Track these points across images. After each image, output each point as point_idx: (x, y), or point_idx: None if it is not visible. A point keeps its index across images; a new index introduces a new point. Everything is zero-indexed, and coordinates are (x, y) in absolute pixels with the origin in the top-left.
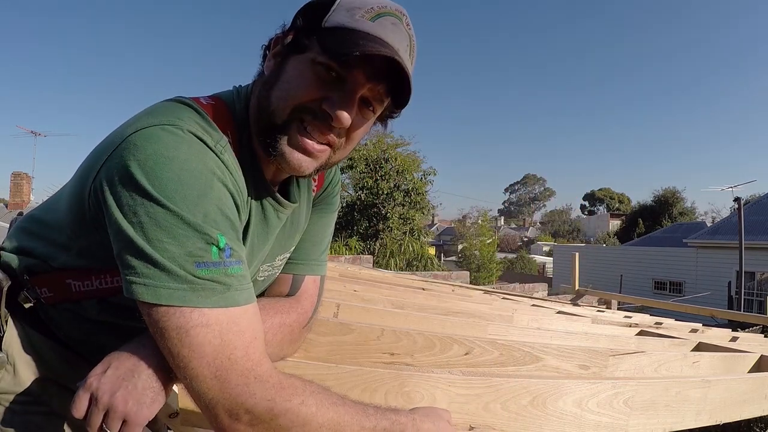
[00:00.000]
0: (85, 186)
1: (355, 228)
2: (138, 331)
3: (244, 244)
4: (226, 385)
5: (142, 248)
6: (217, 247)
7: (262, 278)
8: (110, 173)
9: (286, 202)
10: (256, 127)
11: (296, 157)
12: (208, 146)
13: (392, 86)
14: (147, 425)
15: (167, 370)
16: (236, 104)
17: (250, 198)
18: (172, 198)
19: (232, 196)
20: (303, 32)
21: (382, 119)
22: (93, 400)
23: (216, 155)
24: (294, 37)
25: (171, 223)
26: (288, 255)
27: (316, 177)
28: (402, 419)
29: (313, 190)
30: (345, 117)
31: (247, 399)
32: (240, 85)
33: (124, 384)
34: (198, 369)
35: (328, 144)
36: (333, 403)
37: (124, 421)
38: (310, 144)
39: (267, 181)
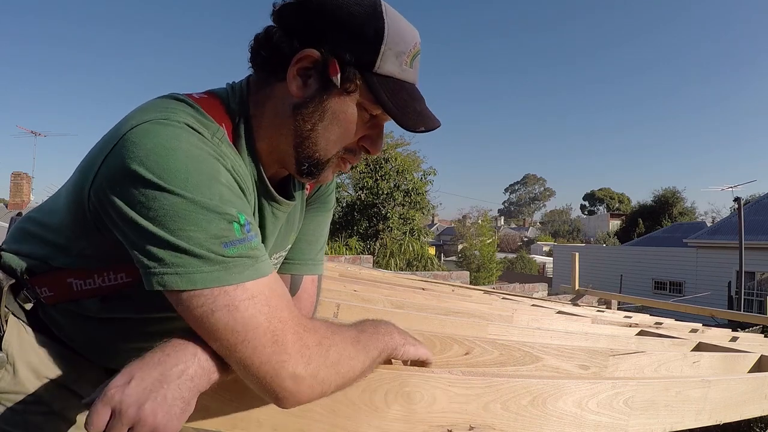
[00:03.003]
0: (83, 187)
1: (355, 228)
2: (138, 327)
3: None
4: (285, 346)
5: (167, 239)
6: (238, 223)
7: None
8: (112, 174)
9: (282, 199)
10: (286, 147)
11: (331, 176)
12: (204, 137)
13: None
14: None
15: (195, 379)
16: (230, 100)
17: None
18: (185, 186)
19: (236, 181)
20: (352, 71)
21: None
22: (116, 414)
23: (213, 145)
24: (342, 75)
25: (190, 211)
26: (284, 254)
27: None
28: (383, 333)
29: (306, 189)
30: (379, 149)
31: (305, 351)
32: (234, 82)
33: (153, 395)
34: (256, 339)
35: None
36: (342, 325)
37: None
38: (347, 168)
39: (264, 177)
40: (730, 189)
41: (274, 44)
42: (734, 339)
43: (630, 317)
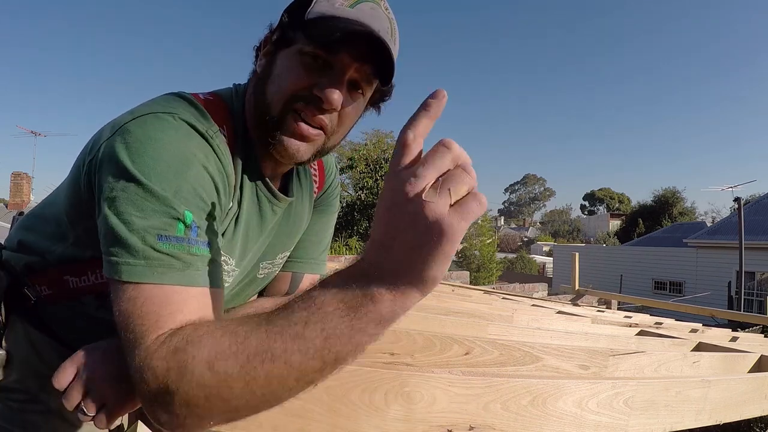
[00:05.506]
0: (80, 173)
1: (355, 228)
2: None
3: (236, 235)
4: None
5: (111, 224)
6: (183, 223)
7: (262, 275)
8: (103, 157)
9: (282, 195)
10: (253, 122)
11: (293, 143)
12: (198, 131)
13: (378, 67)
14: (146, 424)
15: None
16: (234, 101)
17: (242, 189)
18: (147, 173)
19: (214, 182)
20: (289, 27)
21: (374, 104)
22: (77, 376)
23: (205, 140)
24: (281, 33)
25: (141, 197)
26: (288, 254)
27: (317, 179)
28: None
29: (315, 192)
30: (335, 97)
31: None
32: (239, 84)
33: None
34: (123, 336)
35: (322, 128)
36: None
37: (103, 405)
38: (305, 128)
39: (263, 175)
40: (730, 189)
41: (258, 45)
42: (734, 339)
43: (630, 317)
